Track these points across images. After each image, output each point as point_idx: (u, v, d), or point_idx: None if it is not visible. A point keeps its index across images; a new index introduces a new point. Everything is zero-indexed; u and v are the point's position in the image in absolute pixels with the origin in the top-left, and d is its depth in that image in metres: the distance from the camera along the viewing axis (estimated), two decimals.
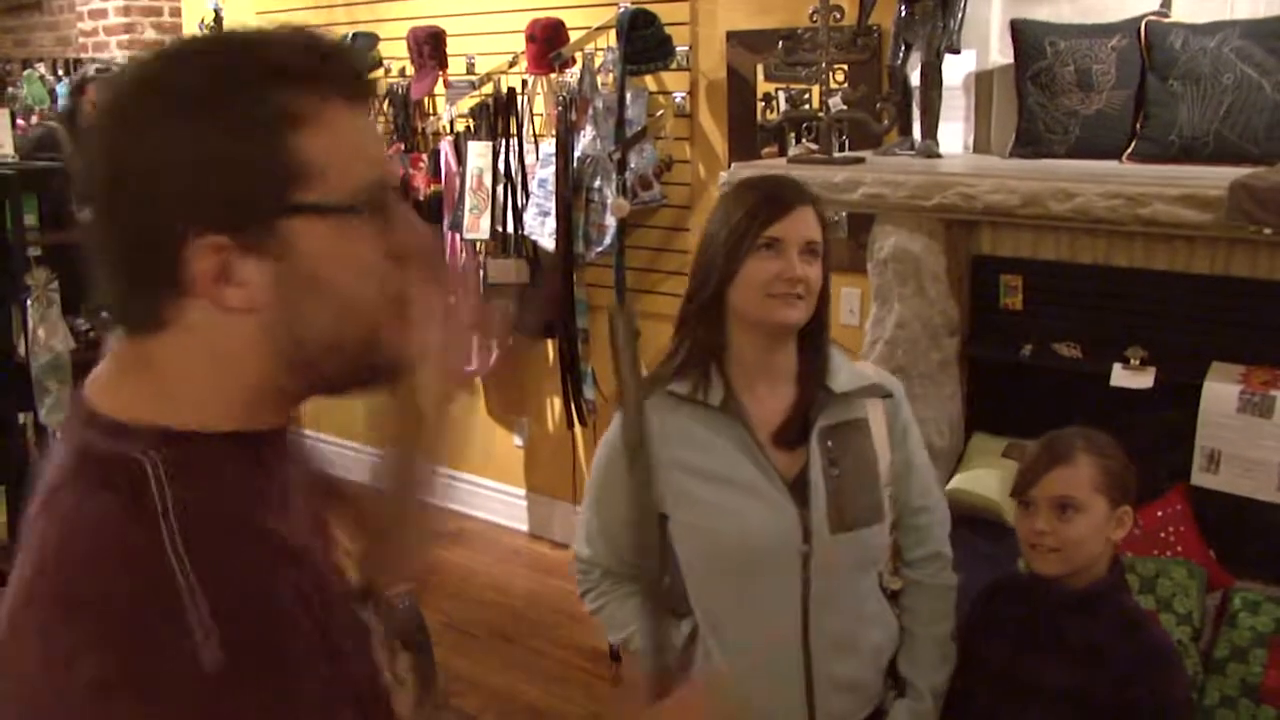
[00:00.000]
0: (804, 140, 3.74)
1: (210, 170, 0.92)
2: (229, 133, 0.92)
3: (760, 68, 4.07)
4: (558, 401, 4.78)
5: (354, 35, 5.13)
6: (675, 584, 2.02)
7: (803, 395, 1.98)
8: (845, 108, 3.38)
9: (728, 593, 1.98)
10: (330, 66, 0.97)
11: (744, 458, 1.93)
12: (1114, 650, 2.04)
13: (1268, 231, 2.69)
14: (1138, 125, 3.32)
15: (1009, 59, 3.51)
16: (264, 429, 1.02)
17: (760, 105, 3.49)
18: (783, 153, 3.78)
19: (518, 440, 5.14)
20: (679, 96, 4.34)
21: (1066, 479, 2.08)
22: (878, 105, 3.39)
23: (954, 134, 3.66)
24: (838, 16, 3.31)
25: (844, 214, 3.79)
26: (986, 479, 3.19)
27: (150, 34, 6.04)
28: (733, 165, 3.50)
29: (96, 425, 0.96)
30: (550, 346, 4.80)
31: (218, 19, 5.59)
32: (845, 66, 3.69)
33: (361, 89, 1.01)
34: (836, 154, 3.42)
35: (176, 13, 6.11)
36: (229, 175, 0.92)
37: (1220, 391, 2.93)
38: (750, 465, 1.92)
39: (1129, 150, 3.30)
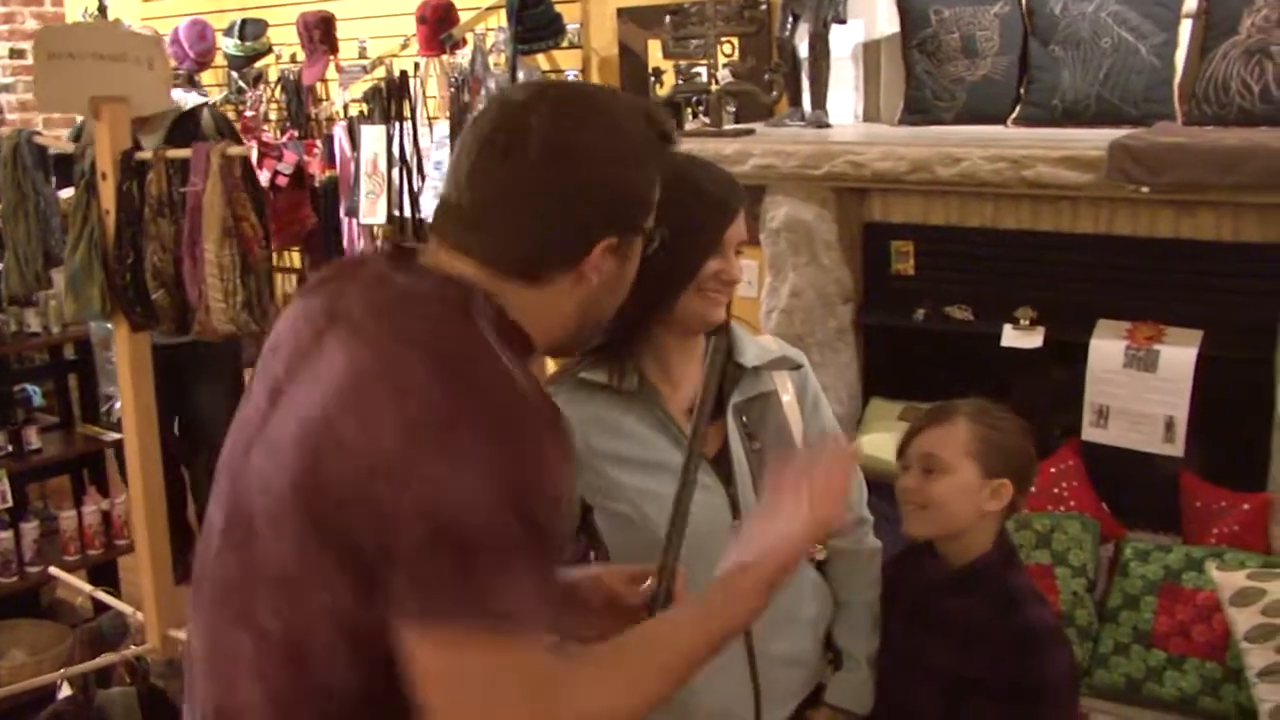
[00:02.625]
0: (698, 115, 3.74)
1: (630, 201, 1.37)
2: (646, 180, 1.38)
3: (651, 44, 4.07)
4: None
5: (243, 21, 5.04)
6: None
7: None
8: (734, 80, 3.39)
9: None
10: (671, 137, 1.43)
11: (664, 440, 1.92)
12: (989, 630, 2.03)
13: (1145, 190, 2.76)
14: (1022, 90, 3.38)
15: (896, 28, 3.55)
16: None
17: (650, 81, 3.48)
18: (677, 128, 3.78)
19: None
20: (572, 74, 4.33)
21: (936, 438, 2.10)
22: (766, 77, 3.41)
23: (844, 103, 3.70)
24: None
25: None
26: (884, 443, 3.21)
27: (31, 24, 5.87)
28: None
29: (440, 276, 1.31)
30: None
31: (102, 9, 5.45)
32: (736, 40, 3.71)
33: (674, 147, 1.47)
34: (727, 126, 3.43)
35: (58, 2, 5.96)
36: (637, 205, 1.38)
37: (1106, 348, 3.00)
38: (671, 447, 1.90)
39: (1014, 115, 3.36)
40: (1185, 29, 3.20)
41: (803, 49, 3.49)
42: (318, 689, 1.21)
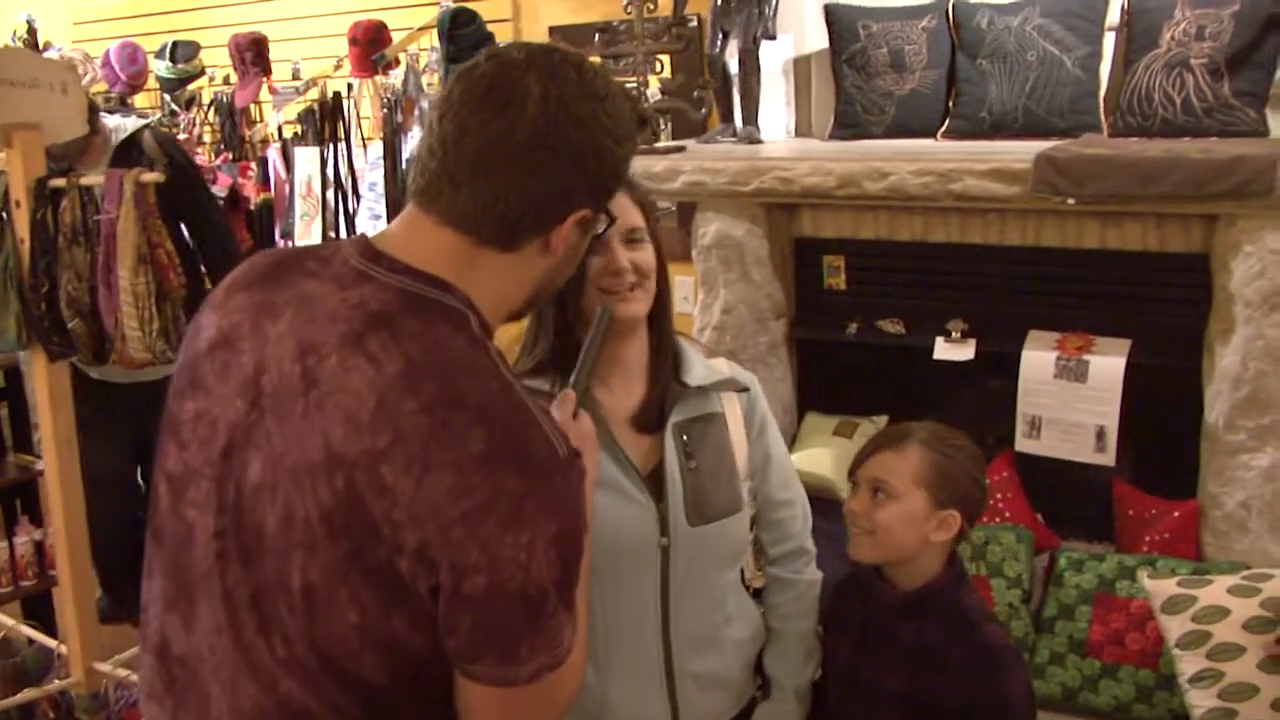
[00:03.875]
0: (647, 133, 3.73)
1: (611, 173, 1.38)
2: (626, 158, 1.40)
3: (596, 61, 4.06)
4: None
5: (175, 44, 4.98)
6: None
7: (654, 388, 1.95)
8: (663, 97, 3.39)
9: (587, 591, 1.95)
10: (646, 122, 1.48)
11: (601, 454, 1.86)
12: (946, 652, 2.00)
13: (1071, 201, 2.78)
14: (950, 103, 3.40)
15: (826, 43, 3.56)
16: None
17: None
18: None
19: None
20: None
21: (887, 463, 2.05)
22: (695, 94, 3.41)
23: (777, 119, 3.71)
24: (651, 7, 3.32)
25: (675, 203, 3.82)
26: (820, 457, 3.23)
27: None
28: None
29: (413, 274, 1.32)
30: None
31: (31, 30, 5.38)
32: (667, 57, 3.71)
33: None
34: (658, 144, 3.42)
35: None
36: (615, 177, 1.39)
37: (1037, 359, 3.01)
38: (606, 460, 1.87)
39: (943, 128, 3.38)
40: (1110, 41, 3.23)
41: (733, 65, 3.50)
42: (351, 683, 1.31)
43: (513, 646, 1.25)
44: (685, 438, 1.93)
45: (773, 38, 3.48)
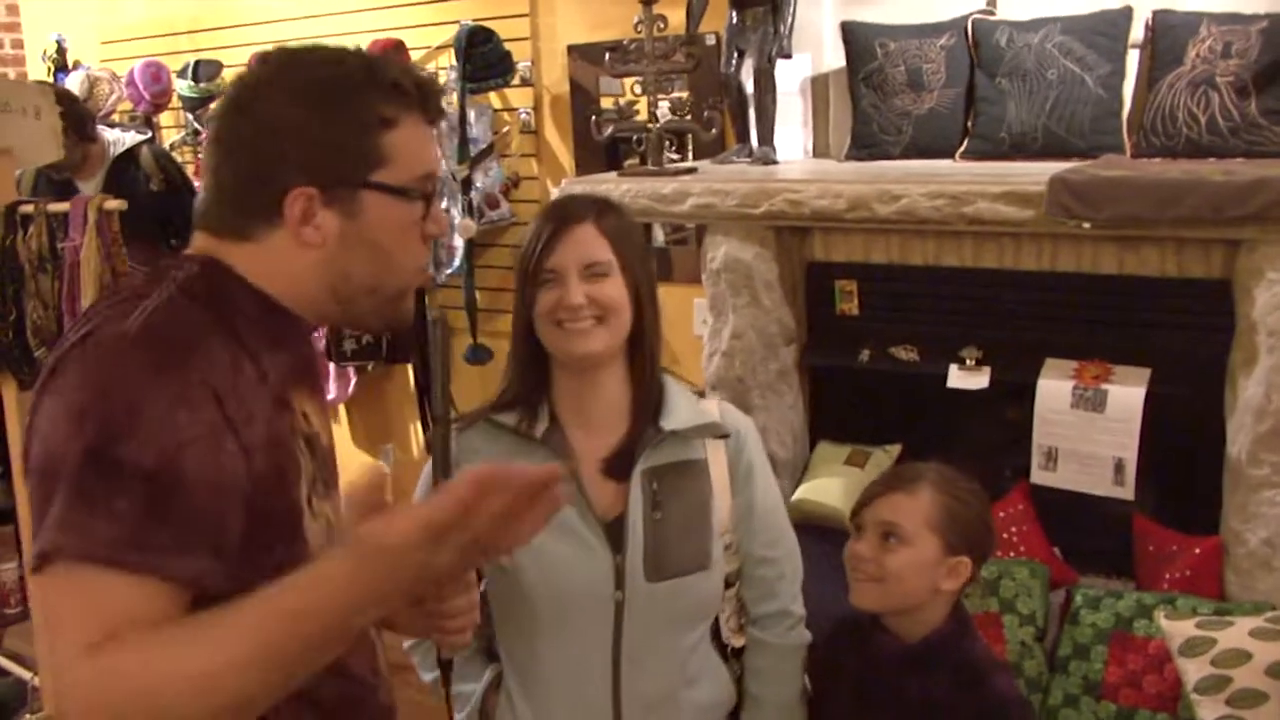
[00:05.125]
0: (650, 154, 3.67)
1: (322, 145, 1.31)
2: (341, 122, 1.31)
3: (602, 80, 4.02)
4: (420, 426, 4.68)
5: (197, 63, 4.98)
6: (486, 626, 1.90)
7: (631, 432, 1.86)
8: (673, 118, 3.32)
9: (533, 639, 1.85)
10: (419, 90, 1.36)
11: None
12: (955, 707, 1.91)
13: (1086, 225, 2.68)
14: (969, 123, 3.32)
15: (843, 62, 3.49)
16: (290, 310, 1.38)
17: (592, 119, 3.41)
18: (614, 165, 3.73)
19: (384, 466, 5.02)
20: (524, 113, 4.27)
21: (899, 506, 1.96)
22: (705, 114, 3.34)
23: (794, 139, 3.64)
24: (661, 26, 3.26)
25: (693, 226, 3.75)
26: (830, 487, 3.15)
27: None
28: (563, 182, 3.43)
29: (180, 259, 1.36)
30: (409, 371, 4.70)
31: (60, 50, 5.41)
32: (684, 76, 3.65)
33: (437, 112, 1.41)
34: (669, 164, 3.36)
35: (18, 44, 5.92)
36: (333, 151, 1.31)
37: (1054, 388, 2.91)
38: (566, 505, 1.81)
39: (962, 149, 3.29)
40: (1133, 60, 3.14)
41: (748, 85, 3.43)
42: None
43: (35, 524, 1.20)
44: (655, 486, 1.84)
45: (788, 56, 3.41)
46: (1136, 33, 3.12)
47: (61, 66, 5.34)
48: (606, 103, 3.97)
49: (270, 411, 1.29)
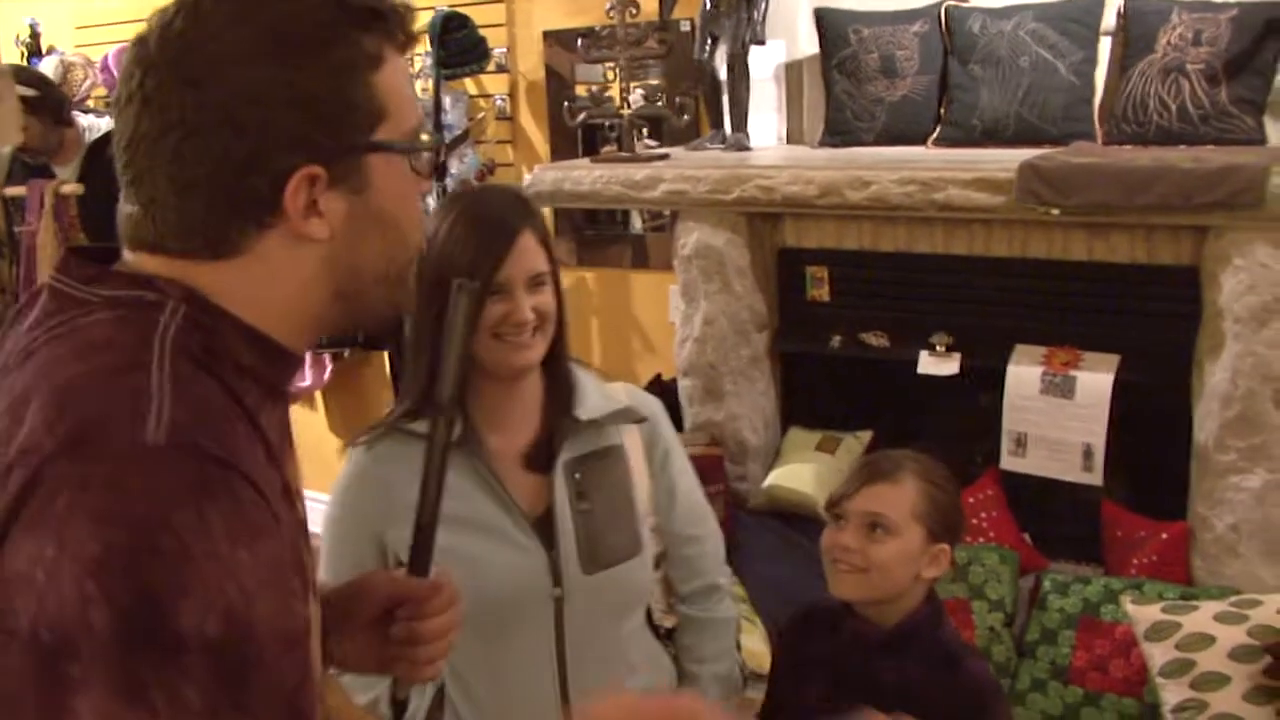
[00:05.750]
0: (623, 140, 3.67)
1: (312, 106, 0.98)
2: (328, 72, 0.99)
3: (578, 67, 4.01)
4: None
5: None
6: None
7: (546, 426, 1.83)
8: (645, 104, 3.32)
9: (473, 647, 1.77)
10: (391, 13, 1.04)
11: (484, 497, 1.77)
12: (931, 690, 1.88)
13: (1056, 212, 2.69)
14: (942, 110, 3.32)
15: (818, 48, 3.48)
16: (291, 350, 1.05)
17: (565, 105, 3.41)
18: (591, 152, 3.72)
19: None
20: (499, 99, 4.26)
21: (885, 496, 1.92)
22: (677, 100, 3.34)
23: (768, 126, 3.63)
24: (634, 11, 3.25)
25: (668, 211, 3.75)
26: (802, 473, 3.16)
27: None
28: (535, 169, 3.42)
29: (115, 278, 0.98)
30: (386, 358, 4.69)
31: (34, 34, 5.37)
32: (660, 63, 3.65)
33: (410, 38, 1.08)
34: (642, 151, 3.36)
35: None
36: (328, 112, 0.99)
37: (1023, 374, 2.92)
38: (491, 505, 1.77)
39: (934, 136, 3.29)
40: (1105, 47, 3.14)
41: (722, 71, 3.42)
42: None
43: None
44: (578, 476, 1.81)
45: (762, 42, 3.40)
46: (1109, 20, 3.11)
47: (35, 51, 5.29)
48: (582, 90, 3.96)
49: (284, 504, 0.97)
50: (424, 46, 4.20)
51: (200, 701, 0.82)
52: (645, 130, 3.56)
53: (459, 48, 4.07)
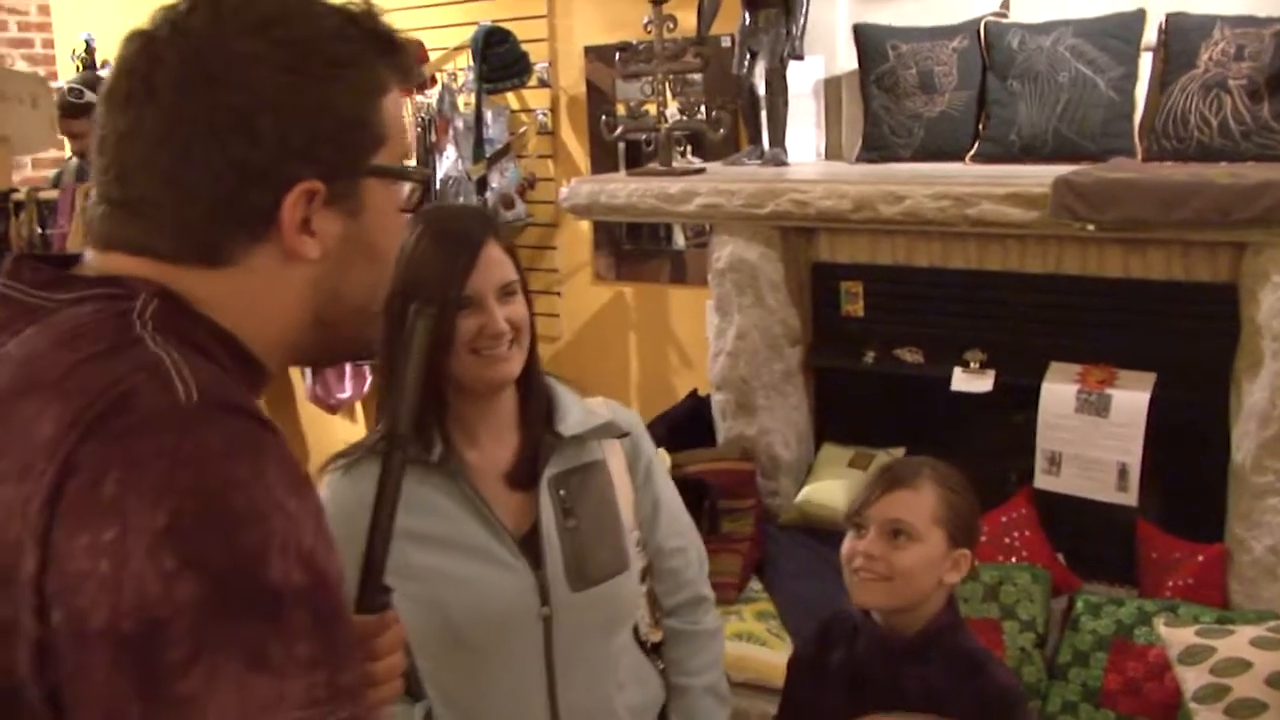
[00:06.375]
0: (660, 154, 3.67)
1: (325, 121, 0.97)
2: (347, 90, 0.99)
3: (619, 82, 4.03)
4: None
5: None
6: (409, 664, 1.76)
7: (526, 443, 1.81)
8: (682, 118, 3.32)
9: (462, 669, 1.78)
10: (401, 49, 1.06)
11: (469, 517, 1.74)
12: (956, 696, 1.87)
13: (1091, 228, 2.66)
14: (980, 126, 3.29)
15: (856, 64, 3.47)
16: (263, 364, 1.02)
17: (602, 119, 3.42)
18: (632, 165, 3.73)
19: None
20: (541, 113, 4.28)
21: (906, 503, 1.91)
22: (713, 114, 3.34)
23: (807, 141, 3.62)
24: (671, 26, 3.26)
25: (709, 226, 3.75)
26: (834, 489, 3.13)
27: (21, 65, 5.91)
28: (572, 182, 3.43)
29: (76, 282, 0.95)
30: None
31: (89, 49, 5.47)
32: (698, 78, 3.66)
33: (413, 75, 1.11)
34: (678, 165, 3.36)
35: (49, 44, 5.99)
36: (338, 129, 0.98)
37: (1058, 392, 2.89)
38: (476, 525, 1.74)
39: (972, 151, 3.27)
40: (1146, 62, 3.11)
41: (760, 86, 3.42)
42: None
43: None
44: (563, 492, 1.78)
45: (800, 58, 3.40)
46: (1149, 35, 3.08)
47: (90, 65, 5.38)
48: (623, 105, 3.98)
49: None
50: (466, 60, 4.24)
51: (310, 651, 0.81)
52: (689, 147, 3.56)
53: (501, 62, 4.11)
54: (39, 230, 2.47)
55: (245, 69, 0.95)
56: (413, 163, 3.92)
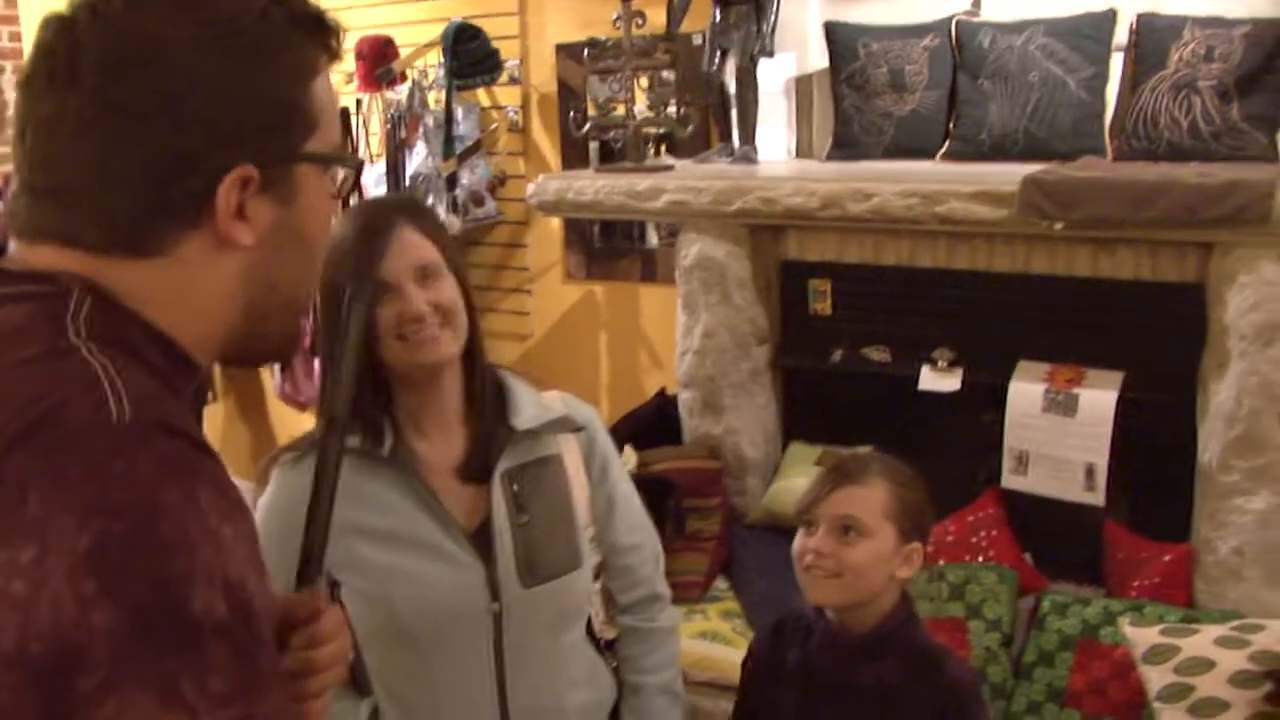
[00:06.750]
0: (628, 151, 3.65)
1: (258, 105, 0.95)
2: (277, 73, 0.96)
3: (590, 79, 4.00)
4: None
5: None
6: (356, 660, 1.77)
7: (477, 435, 1.78)
8: (649, 115, 3.30)
9: (410, 665, 1.76)
10: (329, 28, 1.02)
11: (418, 512, 1.72)
12: (911, 692, 1.87)
13: (1058, 226, 2.65)
14: (951, 125, 3.28)
15: (827, 62, 3.46)
16: (194, 360, 0.99)
17: (570, 115, 3.40)
18: (603, 161, 3.71)
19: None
20: (512, 111, 4.26)
21: (855, 499, 1.90)
22: (681, 111, 3.32)
23: (778, 139, 3.61)
24: (640, 23, 3.24)
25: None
26: (801, 488, 3.07)
27: None
28: (540, 178, 3.41)
29: (8, 277, 0.92)
30: None
31: None
32: (668, 74, 3.63)
33: (341, 55, 1.05)
34: (648, 162, 3.34)
35: (16, 37, 5.92)
36: (271, 113, 0.96)
37: (1026, 391, 2.88)
38: (426, 519, 1.72)
39: (942, 150, 3.26)
40: (1117, 63, 3.10)
41: (730, 84, 3.41)
42: None
43: None
44: (516, 487, 1.76)
45: (771, 55, 3.39)
46: (1120, 35, 3.08)
47: None
48: (592, 104, 3.96)
49: None
50: (437, 57, 4.21)
51: (226, 687, 0.78)
52: (663, 146, 3.54)
53: (471, 58, 4.07)
54: None
55: (170, 52, 0.92)
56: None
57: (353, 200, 4.40)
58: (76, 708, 0.74)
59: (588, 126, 3.31)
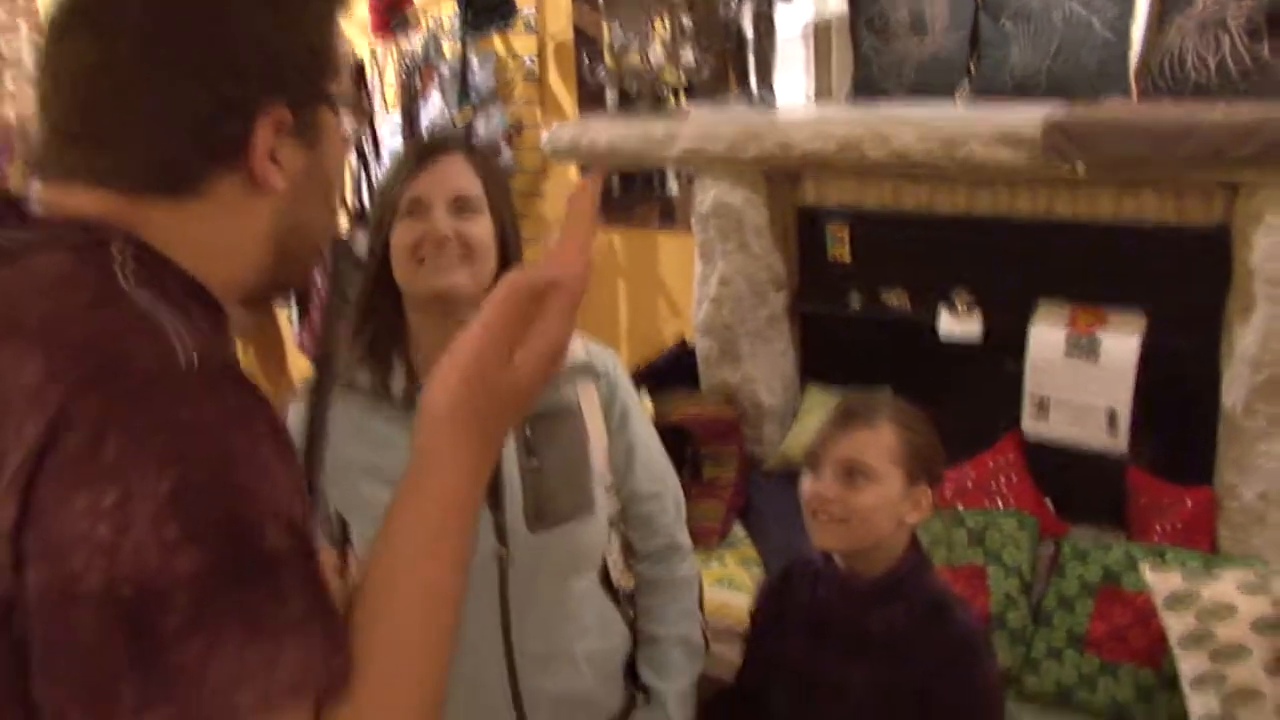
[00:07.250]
0: (644, 97, 3.61)
1: (292, 48, 0.98)
2: (309, 16, 1.00)
3: (606, 27, 3.95)
4: None
5: None
6: None
7: None
8: (667, 60, 3.26)
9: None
10: None
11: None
12: (919, 639, 1.86)
13: (1081, 169, 2.60)
14: (972, 67, 3.23)
15: (846, 6, 3.41)
16: (220, 306, 1.00)
17: (585, 62, 3.36)
18: (622, 110, 3.67)
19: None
20: (528, 60, 4.21)
21: (861, 442, 1.88)
22: (695, 56, 3.27)
23: (796, 84, 3.56)
24: None
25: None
26: None
27: None
28: (554, 126, 3.37)
29: (51, 225, 0.94)
30: None
31: None
32: (670, 19, 3.58)
33: (350, 3, 1.08)
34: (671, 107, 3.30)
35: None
36: (304, 55, 0.99)
37: (1047, 336, 2.84)
38: None
39: (964, 92, 3.20)
40: (1142, 1, 3.04)
41: (748, 28, 3.36)
42: None
43: (102, 693, 0.77)
44: (528, 433, 1.74)
45: (788, 0, 3.34)
46: None
47: None
48: (608, 52, 3.91)
49: None
50: (452, 7, 4.17)
51: (301, 608, 0.84)
52: (682, 93, 3.50)
53: (484, 5, 4.03)
54: None
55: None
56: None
57: (367, 150, 4.40)
58: (165, 649, 0.77)
59: (601, 72, 3.26)
